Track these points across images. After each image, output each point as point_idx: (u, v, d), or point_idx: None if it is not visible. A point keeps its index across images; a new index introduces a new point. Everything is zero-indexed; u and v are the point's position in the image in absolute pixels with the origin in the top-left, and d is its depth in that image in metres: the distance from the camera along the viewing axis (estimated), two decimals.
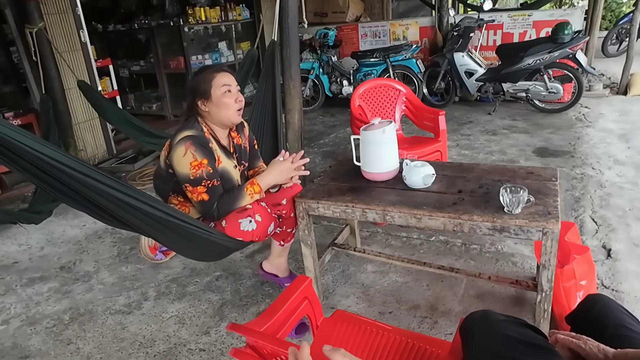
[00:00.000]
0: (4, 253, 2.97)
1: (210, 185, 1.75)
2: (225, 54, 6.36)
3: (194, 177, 1.72)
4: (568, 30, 4.54)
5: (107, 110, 3.86)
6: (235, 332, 1.04)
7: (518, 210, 1.56)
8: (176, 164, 1.74)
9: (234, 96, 1.82)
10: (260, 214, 1.82)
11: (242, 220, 1.79)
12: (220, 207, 1.78)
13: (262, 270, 2.26)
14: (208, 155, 1.76)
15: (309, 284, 1.35)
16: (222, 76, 1.82)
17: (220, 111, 1.81)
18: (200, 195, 1.75)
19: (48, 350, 2.03)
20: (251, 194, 1.83)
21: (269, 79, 2.71)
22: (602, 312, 1.06)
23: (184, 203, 1.92)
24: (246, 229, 1.79)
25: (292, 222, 2.07)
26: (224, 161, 1.87)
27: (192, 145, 1.72)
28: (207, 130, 1.85)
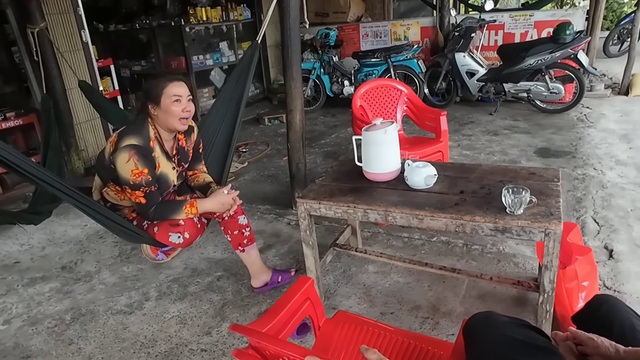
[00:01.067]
0: (6, 253, 2.97)
1: (148, 191, 1.92)
2: (226, 54, 6.37)
3: (133, 183, 1.88)
4: (569, 31, 4.53)
5: (108, 110, 3.85)
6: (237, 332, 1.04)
7: (520, 211, 1.56)
8: (119, 166, 1.87)
9: (182, 106, 1.92)
10: (189, 231, 2.03)
11: (172, 234, 2.02)
12: (157, 212, 1.97)
13: (255, 288, 2.31)
14: (149, 165, 1.91)
15: (311, 284, 1.35)
16: (175, 86, 1.90)
17: (166, 118, 1.92)
18: (138, 198, 1.92)
19: (49, 350, 2.03)
20: (187, 213, 1.99)
21: (242, 79, 2.58)
22: (609, 312, 1.06)
23: (120, 192, 2.07)
24: (173, 241, 2.04)
25: (235, 225, 2.16)
26: (163, 165, 2.01)
27: (136, 155, 1.85)
28: (154, 133, 1.97)
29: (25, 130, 4.28)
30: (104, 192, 2.10)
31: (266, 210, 3.26)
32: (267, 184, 3.80)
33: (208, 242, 2.84)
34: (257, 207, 3.30)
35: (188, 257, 2.70)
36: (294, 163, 3.01)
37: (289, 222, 3.04)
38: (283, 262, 2.58)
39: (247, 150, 4.78)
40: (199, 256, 2.70)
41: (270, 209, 3.26)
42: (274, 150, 4.71)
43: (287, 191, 3.41)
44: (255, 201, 3.39)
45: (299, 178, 3.04)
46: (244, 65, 2.58)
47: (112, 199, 2.10)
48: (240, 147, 4.78)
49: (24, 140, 4.36)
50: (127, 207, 2.13)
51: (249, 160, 4.42)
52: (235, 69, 2.62)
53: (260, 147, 4.84)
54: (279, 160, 4.34)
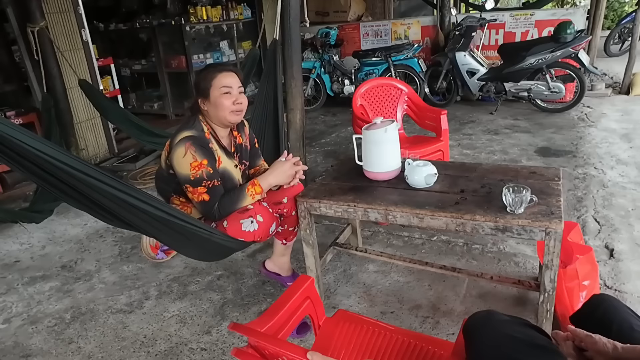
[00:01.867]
0: (6, 252, 2.97)
1: (210, 185, 1.75)
2: (226, 53, 6.36)
3: (194, 178, 1.72)
4: (570, 30, 4.52)
5: (108, 110, 3.86)
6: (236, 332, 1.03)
7: (521, 210, 1.56)
8: (176, 164, 1.74)
9: (232, 98, 1.80)
10: (262, 214, 1.83)
11: (243, 220, 1.80)
12: (221, 207, 1.78)
13: (265, 269, 2.26)
14: (208, 155, 1.75)
15: (311, 283, 1.35)
16: (224, 77, 1.80)
17: (217, 111, 1.80)
18: (201, 196, 1.75)
19: (49, 349, 2.03)
20: (252, 195, 1.82)
21: (271, 78, 2.71)
22: (607, 311, 1.05)
23: (185, 204, 1.92)
24: (248, 230, 1.80)
25: (294, 220, 2.06)
26: (224, 161, 1.87)
27: (192, 145, 1.71)
28: (208, 130, 1.85)
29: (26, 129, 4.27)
30: None
31: None
32: None
33: None
34: None
35: None
36: None
37: None
38: None
39: None
40: None
41: None
42: None
43: None
44: None
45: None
46: (270, 65, 2.73)
47: None
48: None
49: None
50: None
51: None
52: (263, 71, 2.79)
53: None
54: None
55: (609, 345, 0.93)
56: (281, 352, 0.95)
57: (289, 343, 1.00)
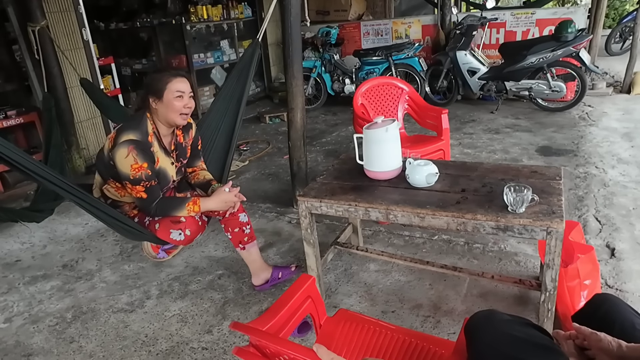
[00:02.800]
0: (7, 251, 2.97)
1: (148, 185, 1.92)
2: (227, 52, 6.36)
3: (133, 178, 1.88)
4: (571, 29, 4.52)
5: (109, 108, 3.85)
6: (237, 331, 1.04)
7: (522, 210, 1.55)
8: (118, 162, 1.88)
9: (184, 102, 1.94)
10: (190, 229, 2.03)
11: (173, 231, 2.02)
12: (159, 208, 1.98)
13: (257, 287, 2.31)
14: (148, 159, 1.91)
15: (312, 282, 1.35)
16: (178, 82, 1.93)
17: (167, 112, 1.93)
18: (139, 193, 1.93)
19: (51, 348, 2.04)
20: (189, 211, 2.00)
21: (242, 77, 2.58)
22: (610, 311, 1.05)
23: (120, 188, 2.07)
24: (174, 238, 2.03)
25: (236, 222, 2.17)
26: (162, 160, 2.02)
27: (134, 149, 1.86)
28: (152, 129, 1.98)
29: (26, 128, 4.28)
30: (105, 189, 2.10)
31: (267, 208, 3.25)
32: (268, 183, 3.79)
33: (209, 241, 2.84)
34: (258, 206, 3.30)
35: (189, 255, 2.70)
36: (295, 161, 3.01)
37: (290, 221, 3.04)
38: (284, 261, 2.57)
39: (248, 148, 4.78)
40: (199, 255, 2.70)
41: (271, 208, 3.26)
42: (275, 148, 4.71)
43: (288, 189, 3.41)
44: (256, 200, 3.39)
45: (300, 176, 3.04)
46: (245, 64, 2.57)
47: (112, 195, 2.10)
48: (241, 146, 4.78)
49: (25, 139, 4.37)
50: (127, 204, 2.13)
51: (250, 158, 4.42)
52: (236, 67, 2.60)
53: (261, 146, 4.84)
54: (280, 159, 4.33)
55: (614, 344, 0.93)
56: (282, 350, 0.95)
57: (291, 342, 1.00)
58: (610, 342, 0.94)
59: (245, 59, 2.60)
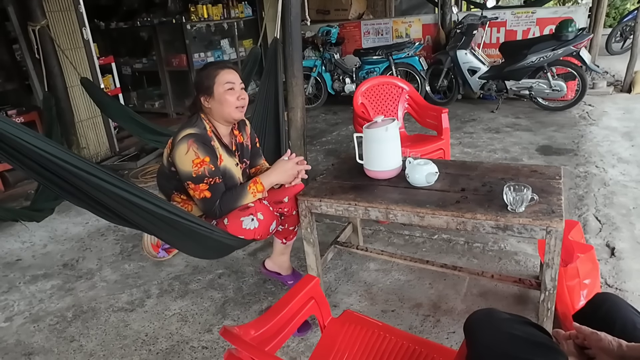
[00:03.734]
0: (8, 250, 2.98)
1: (212, 182, 1.76)
2: (227, 52, 6.36)
3: (196, 175, 1.73)
4: (572, 28, 4.51)
5: (109, 108, 3.86)
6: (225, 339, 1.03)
7: (522, 209, 1.55)
8: (178, 161, 1.75)
9: (236, 94, 1.83)
10: (263, 212, 1.83)
11: (244, 218, 1.80)
12: (222, 204, 1.79)
13: (265, 268, 2.27)
14: (210, 153, 1.76)
15: (316, 283, 1.34)
16: (226, 73, 1.82)
17: (222, 108, 1.82)
18: (202, 193, 1.76)
19: (51, 347, 2.04)
20: (254, 193, 1.83)
21: (271, 77, 2.71)
22: (610, 310, 1.05)
23: (187, 201, 1.92)
24: (248, 227, 1.80)
25: (294, 220, 2.07)
26: (225, 159, 1.87)
27: (195, 143, 1.73)
28: (210, 128, 1.86)
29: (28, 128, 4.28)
30: None
31: None
32: None
33: None
34: None
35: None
36: None
37: None
38: None
39: None
40: None
41: None
42: None
43: None
44: None
45: None
46: (270, 63, 2.72)
47: None
48: None
49: None
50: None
51: None
52: (264, 70, 2.78)
53: None
54: None
55: (614, 343, 0.93)
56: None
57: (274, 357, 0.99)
58: (610, 341, 0.94)
59: (269, 59, 2.76)
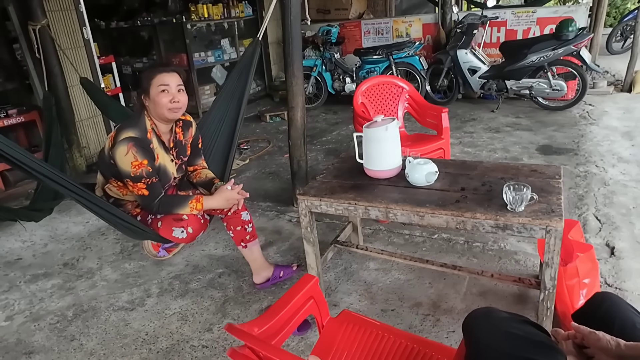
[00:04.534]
0: (8, 249, 2.98)
1: (149, 182, 1.93)
2: (227, 51, 6.36)
3: (134, 175, 1.89)
4: (572, 27, 4.51)
5: (109, 108, 3.85)
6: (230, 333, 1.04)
7: (521, 208, 1.56)
8: (118, 160, 1.89)
9: (169, 96, 1.92)
10: (193, 226, 2.02)
11: (175, 228, 2.01)
12: (161, 205, 1.98)
13: (257, 285, 2.32)
14: (148, 156, 1.91)
15: (315, 283, 1.34)
16: (163, 76, 1.93)
17: (155, 108, 1.94)
18: (140, 190, 1.94)
19: (52, 346, 2.04)
20: (192, 208, 2.00)
21: (243, 76, 2.56)
22: (609, 309, 1.05)
23: (122, 187, 2.07)
24: (177, 236, 2.03)
25: (238, 220, 2.17)
26: (161, 156, 2.02)
27: (134, 147, 1.87)
28: (151, 126, 1.99)
29: (27, 127, 4.29)
30: (107, 188, 2.12)
31: (267, 207, 3.26)
32: (268, 181, 3.80)
33: (209, 239, 2.84)
34: (258, 204, 3.30)
35: (189, 254, 2.70)
36: (295, 160, 3.01)
37: (290, 219, 3.04)
38: (284, 259, 2.58)
39: (248, 147, 4.78)
40: (200, 253, 2.71)
41: (272, 206, 3.26)
42: (275, 147, 4.71)
43: (288, 188, 3.41)
44: (256, 198, 3.40)
45: (300, 175, 3.04)
46: (245, 62, 2.57)
47: (115, 194, 2.11)
48: (241, 144, 4.78)
49: (26, 138, 4.37)
50: (130, 202, 2.13)
51: (251, 157, 4.43)
52: (237, 66, 2.60)
53: (262, 145, 4.84)
54: (280, 158, 4.34)
55: (613, 343, 0.93)
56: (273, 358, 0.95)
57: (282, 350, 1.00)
58: (609, 341, 0.94)
59: (246, 57, 2.60)
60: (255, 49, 2.58)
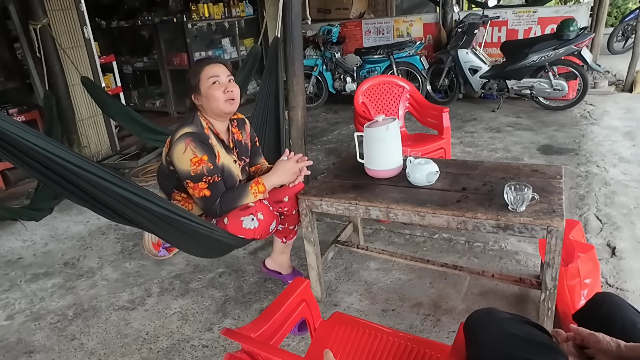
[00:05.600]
0: (9, 249, 2.98)
1: (211, 181, 1.76)
2: (228, 51, 6.35)
3: (194, 174, 1.73)
4: (573, 27, 4.51)
5: (110, 107, 3.86)
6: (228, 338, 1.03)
7: (522, 208, 1.55)
8: (177, 160, 1.75)
9: (222, 87, 1.80)
10: (263, 212, 1.83)
11: (244, 218, 1.80)
12: (223, 203, 1.79)
13: (265, 267, 2.27)
14: (208, 151, 1.76)
15: (307, 286, 1.33)
16: (210, 68, 1.81)
17: (210, 103, 1.80)
18: (202, 192, 1.76)
19: (52, 345, 2.04)
20: (255, 193, 1.83)
21: (272, 76, 2.70)
22: (610, 310, 1.05)
23: (187, 200, 1.92)
24: (248, 227, 1.80)
25: (294, 219, 2.07)
26: (223, 156, 1.87)
27: (192, 141, 1.72)
28: (207, 125, 1.86)
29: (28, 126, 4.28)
30: None
31: None
32: None
33: None
34: None
35: None
36: None
37: None
38: None
39: None
40: None
41: None
42: None
43: None
44: None
45: None
46: (271, 62, 2.73)
47: None
48: None
49: None
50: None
51: None
52: (265, 68, 2.79)
53: None
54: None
55: (613, 344, 0.93)
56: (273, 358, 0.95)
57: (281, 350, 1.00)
58: (609, 342, 0.94)
59: (270, 58, 2.77)
60: (278, 48, 2.73)
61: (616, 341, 0.93)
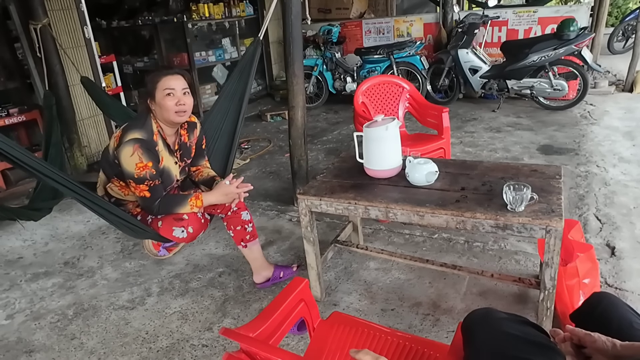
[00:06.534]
0: (9, 248, 2.99)
1: (152, 185, 1.93)
2: (228, 51, 6.36)
3: (138, 177, 1.89)
4: (574, 27, 4.51)
5: (110, 107, 3.85)
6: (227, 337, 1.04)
7: (521, 208, 1.56)
8: (123, 161, 1.89)
9: (175, 99, 1.92)
10: (193, 226, 2.03)
11: (175, 228, 2.02)
12: (161, 206, 1.98)
13: (258, 284, 2.32)
14: (153, 158, 1.91)
15: (306, 285, 1.34)
16: (167, 80, 1.92)
17: (162, 112, 1.94)
18: (142, 192, 1.94)
19: (52, 345, 2.05)
20: (192, 206, 2.00)
21: (243, 78, 2.55)
22: (607, 309, 1.06)
23: (124, 187, 2.07)
24: (177, 236, 2.04)
25: (238, 220, 2.17)
26: (165, 159, 2.02)
27: (140, 148, 1.87)
28: (157, 129, 1.99)
29: (28, 126, 4.29)
30: (108, 187, 2.12)
31: (268, 206, 3.26)
32: (268, 181, 3.80)
33: (210, 239, 2.84)
34: (258, 204, 3.30)
35: (190, 253, 2.71)
36: (296, 160, 3.01)
37: (290, 219, 3.05)
38: (284, 259, 2.58)
39: (249, 146, 4.78)
40: (200, 252, 2.71)
41: (272, 206, 3.26)
42: (276, 146, 4.71)
43: (288, 188, 3.41)
44: (257, 198, 3.40)
45: (301, 174, 3.04)
46: (246, 62, 2.56)
47: (116, 194, 2.11)
48: (242, 144, 4.78)
49: (27, 137, 4.38)
50: (131, 202, 2.14)
51: (251, 156, 4.43)
52: (238, 66, 2.60)
53: (262, 144, 4.84)
54: (281, 157, 4.34)
55: (608, 344, 0.94)
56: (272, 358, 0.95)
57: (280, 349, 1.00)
58: (604, 342, 0.94)
59: (246, 57, 2.59)
60: (256, 49, 2.57)
61: (612, 340, 0.94)
